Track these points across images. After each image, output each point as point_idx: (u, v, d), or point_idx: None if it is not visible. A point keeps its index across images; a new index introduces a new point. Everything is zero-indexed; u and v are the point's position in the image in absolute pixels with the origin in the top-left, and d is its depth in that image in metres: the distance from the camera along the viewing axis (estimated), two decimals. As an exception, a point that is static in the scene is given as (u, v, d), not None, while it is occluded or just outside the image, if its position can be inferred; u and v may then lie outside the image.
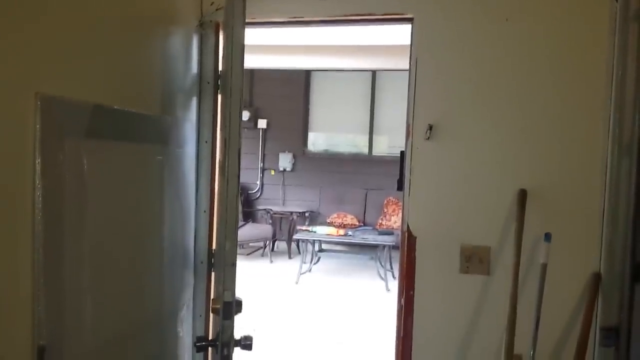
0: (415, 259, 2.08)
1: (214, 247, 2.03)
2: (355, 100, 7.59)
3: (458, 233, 2.05)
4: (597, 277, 1.91)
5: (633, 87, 1.81)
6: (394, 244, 5.74)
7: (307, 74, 7.69)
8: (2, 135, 1.04)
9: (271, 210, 7.40)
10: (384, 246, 5.99)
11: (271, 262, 6.81)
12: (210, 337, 1.78)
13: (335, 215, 7.26)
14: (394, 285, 4.77)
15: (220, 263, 1.43)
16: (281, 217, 7.45)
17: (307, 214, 7.44)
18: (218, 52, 2.04)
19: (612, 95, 1.86)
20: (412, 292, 2.08)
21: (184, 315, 1.97)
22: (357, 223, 7.12)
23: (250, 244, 7.15)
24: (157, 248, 1.73)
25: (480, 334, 2.04)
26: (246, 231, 6.75)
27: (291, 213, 7.32)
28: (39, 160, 1.11)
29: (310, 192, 7.64)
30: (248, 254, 7.13)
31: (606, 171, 1.89)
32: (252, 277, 5.82)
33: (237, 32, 1.37)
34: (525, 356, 1.92)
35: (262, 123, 7.76)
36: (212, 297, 1.93)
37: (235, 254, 1.44)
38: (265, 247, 7.22)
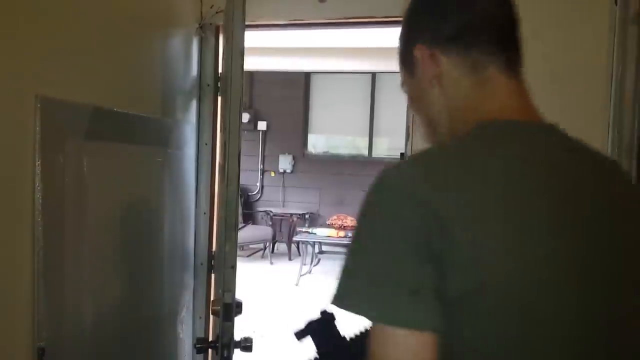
0: (415, 260, 2.08)
1: (214, 248, 2.03)
2: (355, 102, 7.59)
3: (458, 235, 2.05)
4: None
5: (632, 89, 1.82)
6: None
7: (307, 76, 7.69)
8: (2, 137, 1.04)
9: (271, 212, 7.40)
10: (384, 248, 5.98)
11: (271, 263, 6.81)
12: (210, 339, 1.78)
13: (335, 217, 7.26)
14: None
15: (220, 265, 1.43)
16: (281, 219, 7.45)
17: (307, 216, 7.44)
18: (218, 54, 2.05)
19: (612, 97, 1.86)
20: (412, 294, 2.08)
21: (184, 317, 1.97)
22: (357, 225, 7.11)
23: (251, 246, 7.15)
24: (157, 250, 1.73)
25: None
26: (246, 233, 6.75)
27: (291, 215, 7.32)
28: (39, 162, 1.11)
29: (310, 194, 7.64)
30: (248, 256, 7.13)
31: (606, 173, 1.89)
32: (252, 278, 5.82)
33: (237, 35, 1.37)
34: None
35: (262, 125, 7.77)
36: (212, 298, 1.93)
37: (235, 255, 1.44)
38: (265, 248, 7.22)
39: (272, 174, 7.87)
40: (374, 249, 0.60)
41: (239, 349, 1.44)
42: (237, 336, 1.44)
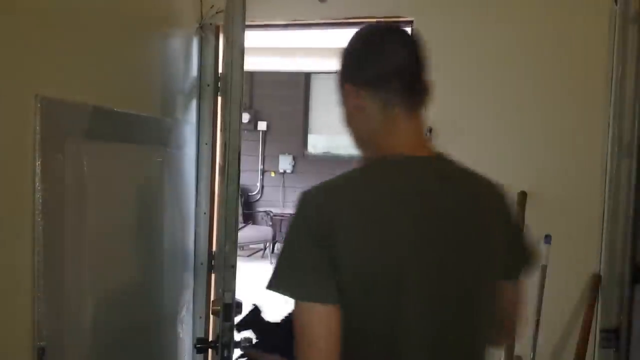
0: (415, 260, 2.08)
1: (214, 248, 2.03)
2: (355, 102, 7.58)
3: (458, 235, 2.05)
4: (597, 279, 1.91)
5: (633, 88, 1.82)
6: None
7: (307, 76, 7.69)
8: (2, 137, 1.05)
9: (271, 212, 7.39)
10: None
11: (271, 263, 6.80)
12: (210, 339, 1.78)
13: (335, 217, 7.25)
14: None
15: (220, 265, 1.43)
16: (281, 219, 7.44)
17: (307, 216, 7.43)
18: (218, 54, 2.05)
19: (612, 96, 1.86)
20: (412, 294, 2.08)
21: (184, 317, 1.97)
22: (357, 225, 7.10)
23: (251, 246, 7.14)
24: (157, 249, 1.73)
25: (480, 336, 2.04)
26: (246, 233, 6.75)
27: (291, 215, 7.31)
28: (39, 162, 1.11)
29: (311, 194, 7.63)
30: (248, 256, 7.12)
31: (606, 172, 1.89)
32: (252, 278, 5.81)
33: (237, 35, 1.37)
34: (525, 357, 1.92)
35: (262, 125, 7.76)
36: (212, 298, 1.93)
37: (235, 255, 1.44)
38: (265, 248, 7.22)
39: (272, 174, 7.87)
40: (292, 248, 0.87)
41: (238, 349, 1.44)
42: (237, 336, 1.44)
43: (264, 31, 2.32)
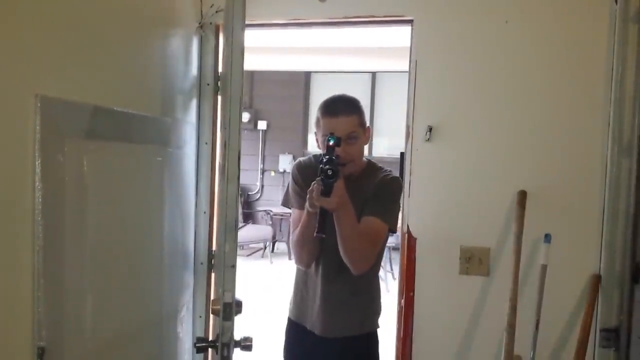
0: (415, 260, 2.08)
1: (214, 248, 2.03)
2: (355, 101, 7.57)
3: (458, 234, 2.05)
4: (597, 278, 1.91)
5: (632, 87, 1.82)
6: (393, 245, 5.73)
7: (307, 76, 7.69)
8: (2, 137, 1.04)
9: (271, 211, 7.40)
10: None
11: (271, 263, 6.81)
12: (210, 338, 1.78)
13: (335, 216, 7.25)
14: (394, 286, 4.77)
15: (220, 264, 1.43)
16: (281, 218, 7.45)
17: (307, 215, 7.42)
18: (218, 53, 2.05)
19: (612, 95, 1.86)
20: (412, 293, 2.08)
21: (184, 316, 1.97)
22: (357, 224, 7.10)
23: (251, 245, 7.15)
24: (157, 249, 1.73)
25: (480, 335, 2.05)
26: (246, 232, 6.76)
27: (291, 214, 7.32)
28: (39, 162, 1.11)
29: (311, 194, 7.63)
30: (248, 255, 7.13)
31: (606, 171, 1.89)
32: (252, 278, 5.82)
33: (237, 34, 1.36)
34: (525, 357, 1.92)
35: (262, 124, 7.77)
36: (212, 298, 1.93)
37: (235, 255, 1.44)
38: (265, 248, 7.22)
39: (272, 174, 7.87)
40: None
41: (238, 348, 1.44)
42: (237, 335, 1.44)
43: (264, 30, 2.32)
